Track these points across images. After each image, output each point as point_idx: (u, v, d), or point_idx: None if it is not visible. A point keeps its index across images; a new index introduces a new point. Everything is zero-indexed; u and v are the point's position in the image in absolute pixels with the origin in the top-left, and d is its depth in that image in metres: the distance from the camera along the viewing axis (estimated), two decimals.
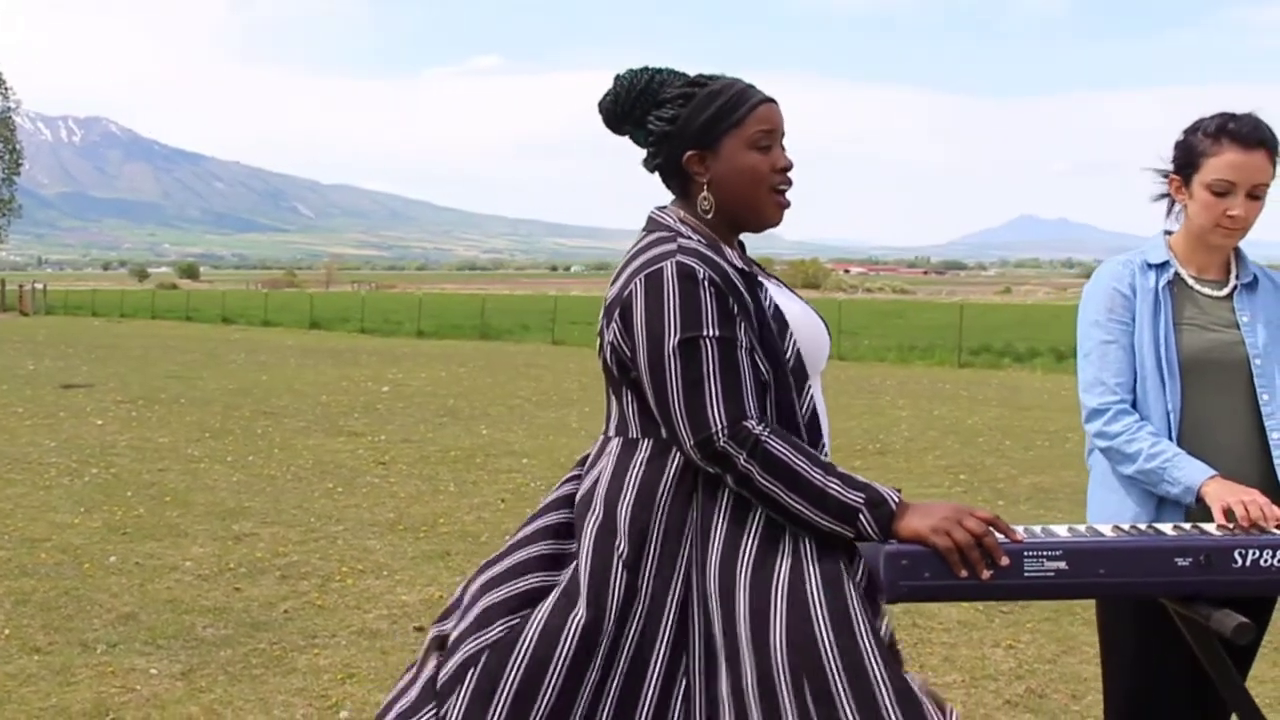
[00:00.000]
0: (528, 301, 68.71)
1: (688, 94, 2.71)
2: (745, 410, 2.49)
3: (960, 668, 5.91)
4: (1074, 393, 12.84)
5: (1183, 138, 3.35)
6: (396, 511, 9.62)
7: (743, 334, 2.55)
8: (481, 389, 20.94)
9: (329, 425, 15.17)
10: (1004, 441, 14.90)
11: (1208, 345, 3.29)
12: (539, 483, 11.13)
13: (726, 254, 2.65)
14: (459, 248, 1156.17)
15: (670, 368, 2.51)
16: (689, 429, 2.50)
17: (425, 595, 7.04)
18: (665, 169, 2.77)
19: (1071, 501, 10.78)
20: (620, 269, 2.68)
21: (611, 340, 2.65)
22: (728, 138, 2.68)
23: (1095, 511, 3.47)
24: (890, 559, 2.47)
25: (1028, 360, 31.84)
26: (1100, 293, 3.40)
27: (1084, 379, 3.38)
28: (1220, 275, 3.40)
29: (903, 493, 2.55)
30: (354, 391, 19.85)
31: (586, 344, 38.33)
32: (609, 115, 2.79)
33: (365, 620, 6.54)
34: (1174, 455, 3.18)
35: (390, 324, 48.23)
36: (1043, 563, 2.52)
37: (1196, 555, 2.56)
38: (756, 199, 2.70)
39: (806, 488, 2.46)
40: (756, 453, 2.46)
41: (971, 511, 2.49)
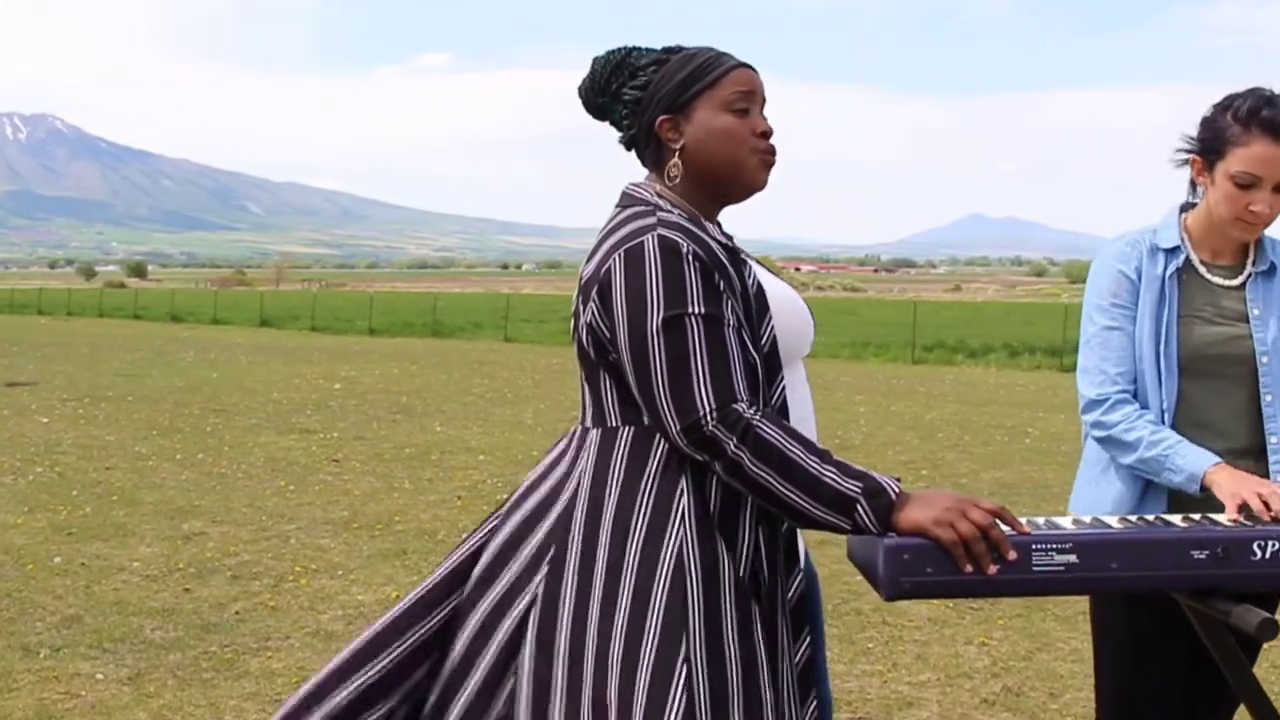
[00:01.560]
0: (480, 299, 68.43)
1: (661, 60, 2.56)
2: (735, 392, 2.32)
3: (934, 666, 5.76)
4: (1028, 388, 12.88)
5: (1211, 115, 3.10)
6: (350, 510, 9.40)
7: (729, 312, 2.38)
8: (434, 386, 20.71)
9: (280, 423, 14.91)
10: (963, 436, 14.81)
11: (1212, 339, 3.10)
12: (495, 480, 10.94)
13: (709, 229, 2.49)
14: (410, 246, 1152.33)
15: (653, 347, 2.34)
16: (674, 413, 2.32)
17: (381, 595, 6.84)
18: (638, 140, 2.60)
19: (1034, 496, 10.68)
20: (596, 246, 2.50)
21: (589, 321, 2.47)
22: (701, 100, 2.51)
23: (1078, 500, 3.29)
24: (890, 553, 2.30)
25: (981, 356, 31.85)
26: (1105, 275, 3.20)
27: (1083, 366, 3.20)
28: (1235, 260, 3.20)
29: (902, 482, 2.38)
30: (305, 389, 19.58)
31: (539, 341, 38.19)
32: (588, 96, 2.64)
33: (320, 622, 6.33)
34: (1175, 443, 3.01)
35: (341, 322, 47.86)
36: (1052, 556, 2.35)
37: (1214, 548, 2.40)
38: (736, 159, 2.52)
39: (801, 476, 2.28)
40: (747, 438, 2.28)
41: (976, 502, 2.32)
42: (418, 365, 26.10)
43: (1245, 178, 2.98)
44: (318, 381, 21.04)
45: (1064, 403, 19.91)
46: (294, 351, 30.58)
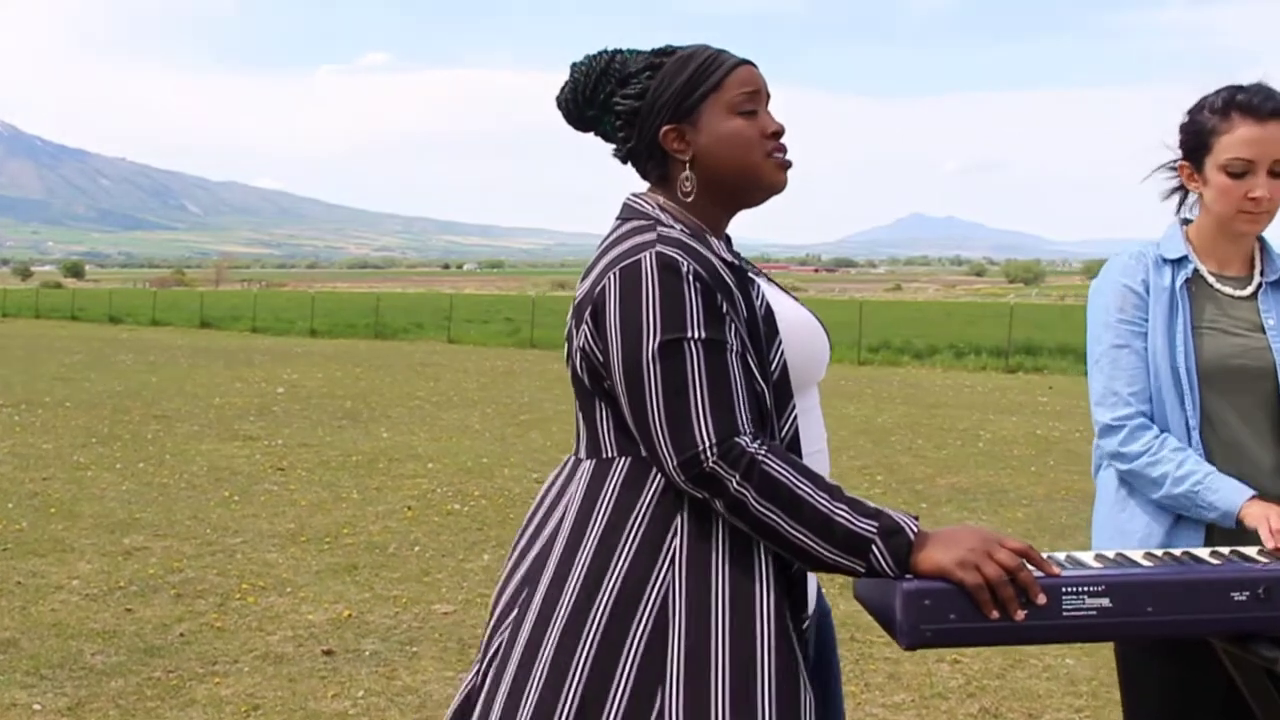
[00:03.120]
0: (421, 299, 67.99)
1: (655, 64, 2.36)
2: (738, 425, 2.12)
3: (908, 686, 5.58)
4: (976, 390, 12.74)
5: (1188, 119, 2.99)
6: (298, 521, 9.14)
7: (733, 336, 2.19)
8: (379, 389, 20.41)
9: (223, 429, 14.58)
10: (916, 440, 14.70)
11: (1230, 352, 2.94)
12: (445, 489, 10.70)
13: (713, 245, 2.29)
14: (350, 245, 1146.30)
15: (649, 375, 2.14)
16: (671, 447, 2.12)
17: (332, 614, 6.60)
18: (639, 153, 2.40)
19: (991, 502, 10.57)
20: (592, 263, 2.30)
21: (582, 345, 2.27)
22: (706, 105, 2.32)
23: (1101, 532, 3.11)
24: (909, 599, 2.10)
25: (927, 357, 31.83)
26: (1110, 290, 3.04)
27: (1095, 390, 3.02)
28: (1244, 271, 3.05)
29: (920, 520, 2.19)
30: (248, 393, 19.23)
31: (483, 343, 37.91)
32: (570, 107, 2.43)
33: (269, 643, 6.08)
34: (1205, 475, 2.83)
35: (283, 322, 47.33)
36: (1084, 600, 2.16)
37: (1254, 589, 2.22)
38: (751, 164, 2.34)
39: (810, 515, 2.09)
40: (752, 475, 2.09)
41: (1002, 541, 2.13)
42: (361, 368, 25.78)
43: (1237, 164, 2.86)
44: (260, 385, 20.70)
45: (1013, 404, 19.88)
46: (235, 354, 30.14)
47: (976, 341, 33.33)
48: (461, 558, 8.06)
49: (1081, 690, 5.57)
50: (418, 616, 6.62)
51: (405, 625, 6.44)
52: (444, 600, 6.96)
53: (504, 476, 11.48)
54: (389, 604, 6.86)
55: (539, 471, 11.74)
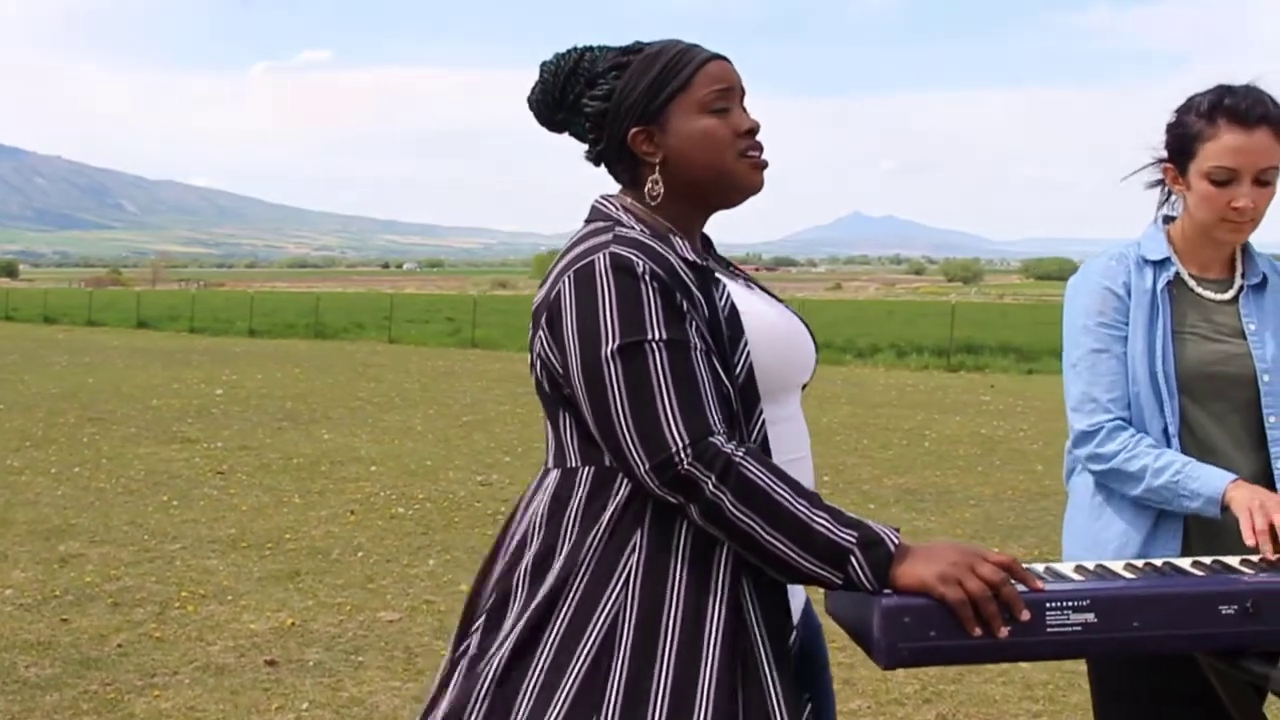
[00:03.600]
0: (362, 299, 67.57)
1: (622, 64, 2.26)
2: (710, 424, 2.03)
3: (863, 692, 5.50)
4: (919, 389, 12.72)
5: (1174, 119, 2.90)
6: (238, 527, 8.96)
7: (696, 335, 2.09)
8: (320, 390, 20.19)
9: (161, 431, 14.33)
10: (861, 440, 14.66)
11: (1211, 357, 2.86)
12: (389, 492, 10.55)
13: (676, 245, 2.19)
14: (290, 245, 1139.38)
15: (611, 380, 2.04)
16: (641, 451, 2.02)
17: (275, 623, 6.45)
18: (610, 155, 2.30)
19: (939, 502, 10.53)
20: (550, 267, 2.21)
21: (539, 351, 2.19)
22: (674, 105, 2.22)
23: (1075, 540, 3.03)
24: (889, 615, 2.01)
25: (869, 356, 31.89)
26: (1090, 292, 2.95)
27: (1072, 395, 2.93)
28: (1225, 274, 2.97)
29: (901, 532, 2.09)
30: (186, 394, 18.96)
31: (424, 343, 37.68)
32: (540, 109, 2.34)
33: (210, 654, 5.93)
34: (1184, 465, 2.75)
35: (221, 322, 46.86)
36: (1068, 615, 2.07)
37: (1242, 602, 2.14)
38: (723, 165, 2.24)
39: (789, 522, 1.99)
40: (729, 477, 1.99)
41: (985, 555, 2.04)
42: (301, 368, 25.51)
43: (1221, 173, 2.77)
44: (199, 386, 20.42)
45: (956, 404, 19.91)
46: (173, 354, 29.78)
47: (918, 340, 33.43)
48: (406, 563, 7.92)
49: (1038, 695, 5.51)
50: (363, 624, 6.48)
51: (350, 634, 6.30)
52: (389, 607, 6.82)
53: (448, 479, 11.33)
54: (333, 612, 6.71)
55: (483, 474, 11.61)
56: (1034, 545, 8.74)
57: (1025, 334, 35.24)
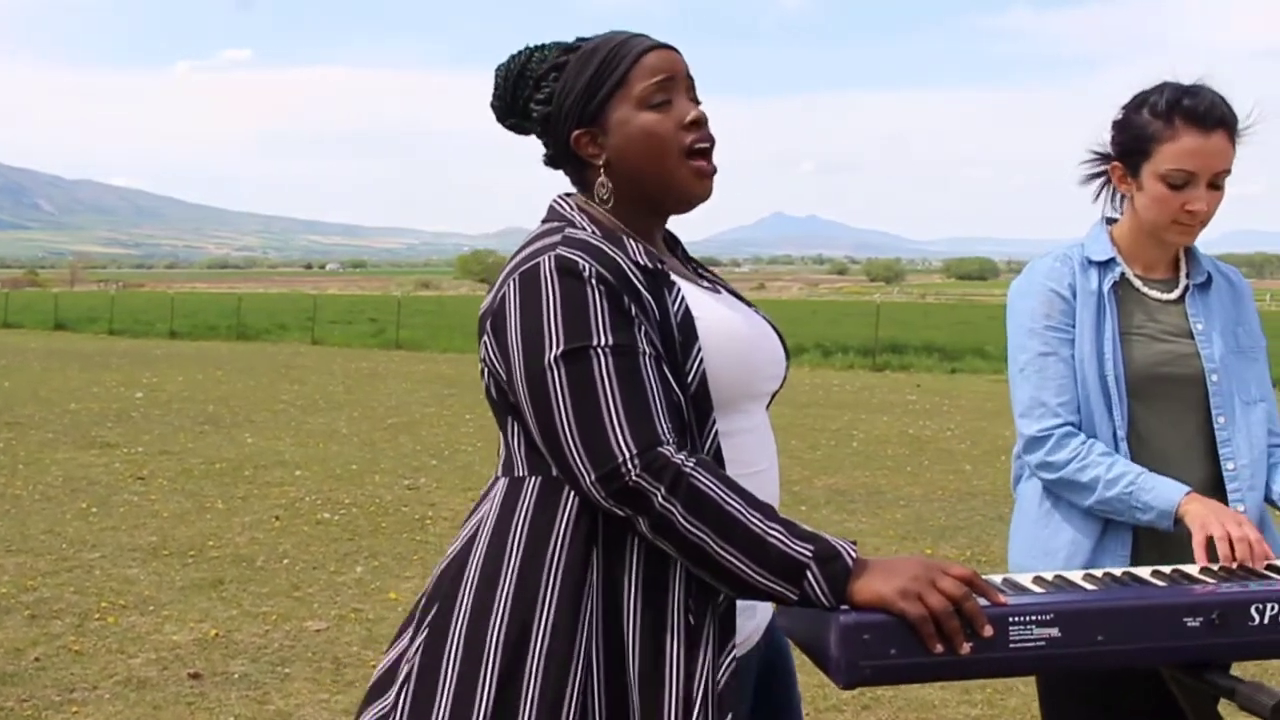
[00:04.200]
0: (284, 300, 67.01)
1: (560, 64, 2.18)
2: (659, 434, 1.94)
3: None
4: (845, 389, 12.68)
5: (1124, 116, 2.84)
6: (160, 534, 8.75)
7: (644, 340, 2.00)
8: (242, 393, 19.90)
9: (79, 436, 14.03)
10: (790, 441, 14.61)
11: (1159, 358, 2.81)
12: (314, 496, 10.38)
13: (629, 246, 2.10)
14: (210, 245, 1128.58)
15: (554, 387, 1.95)
16: (586, 461, 1.93)
17: (198, 634, 6.29)
18: (559, 158, 2.23)
19: (869, 503, 10.50)
20: (501, 270, 2.12)
21: (484, 357, 2.10)
22: (614, 103, 2.13)
23: (1022, 548, 2.96)
24: (846, 633, 1.92)
25: (795, 356, 31.72)
26: (1035, 295, 2.88)
27: (1020, 400, 2.87)
28: (1170, 274, 2.93)
29: (859, 545, 2.01)
30: (106, 398, 18.61)
31: (347, 344, 37.37)
32: (500, 117, 2.26)
33: (130, 667, 5.76)
34: (1137, 476, 2.69)
35: (141, 324, 46.21)
36: (1031, 630, 2.00)
37: (1208, 614, 2.08)
38: (664, 170, 2.15)
39: (743, 536, 1.90)
40: (678, 488, 1.90)
41: (946, 568, 1.96)
42: (223, 370, 25.17)
43: (1178, 176, 2.72)
44: (118, 389, 20.06)
45: (882, 403, 19.96)
46: (92, 357, 29.27)
47: (843, 340, 33.57)
48: (333, 570, 7.76)
49: (976, 699, 5.47)
50: (289, 634, 6.33)
51: (276, 644, 6.15)
52: (316, 616, 6.68)
53: (374, 483, 11.17)
54: (258, 621, 6.56)
55: (409, 477, 11.46)
56: (965, 546, 8.72)
57: (948, 333, 35.50)
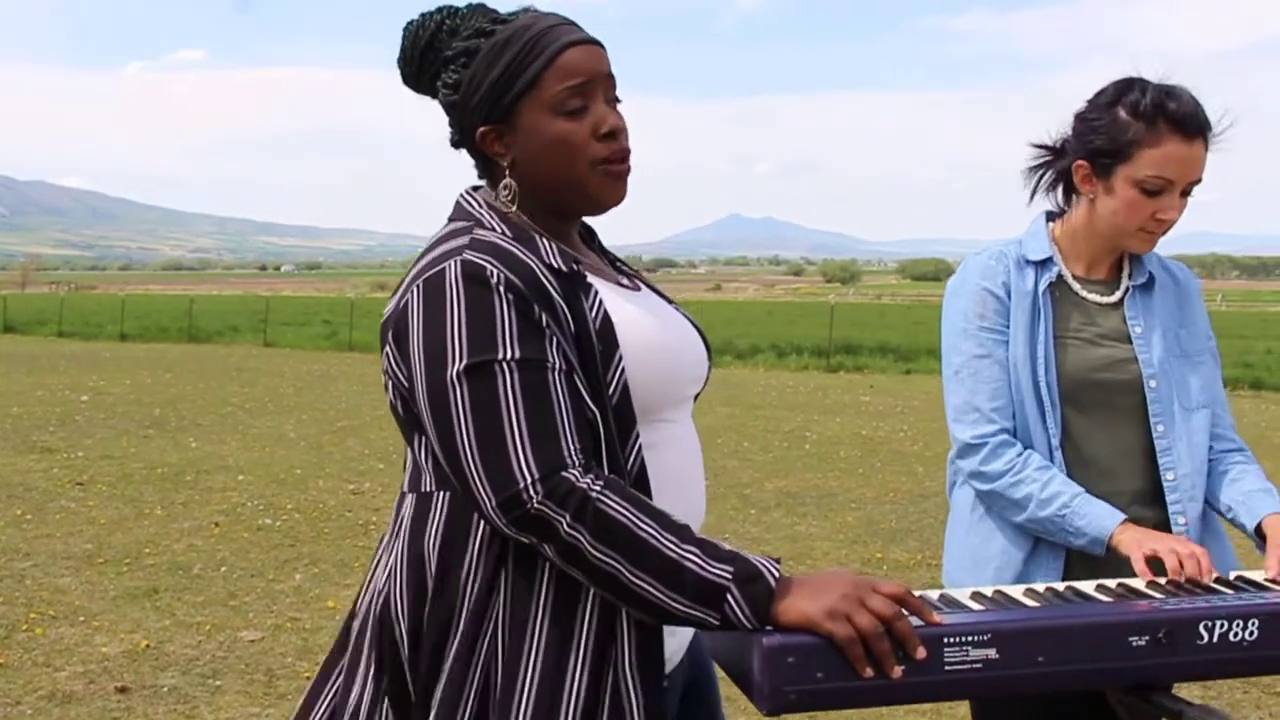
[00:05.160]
0: (237, 302, 66.52)
1: (471, 49, 2.01)
2: (565, 456, 1.81)
3: (746, 710, 5.31)
4: (799, 390, 12.54)
5: (1098, 114, 2.67)
6: (95, 541, 8.55)
7: (556, 353, 1.86)
8: (190, 396, 19.63)
9: (19, 440, 13.76)
10: (742, 443, 14.52)
11: (1094, 363, 2.69)
12: (256, 502, 10.19)
13: (541, 248, 1.96)
14: (165, 247, 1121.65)
15: (456, 403, 1.83)
16: (488, 486, 1.80)
17: (129, 645, 6.11)
18: (466, 147, 2.08)
19: (820, 506, 10.40)
20: (405, 273, 1.98)
21: (386, 368, 1.97)
22: (524, 105, 1.99)
23: (955, 557, 2.85)
24: (770, 656, 1.80)
25: (749, 357, 31.84)
26: (969, 294, 2.76)
27: (953, 404, 2.74)
28: (1110, 275, 2.80)
29: (782, 563, 1.88)
30: (50, 401, 18.32)
31: (300, 346, 37.05)
32: (404, 78, 2.11)
33: (56, 681, 5.58)
34: (1072, 498, 2.58)
35: (91, 326, 45.66)
36: (968, 651, 1.88)
37: (1154, 632, 1.97)
38: (575, 177, 2.01)
39: (656, 561, 1.78)
40: (585, 514, 1.78)
41: (876, 586, 1.84)
42: (172, 373, 24.87)
43: (1156, 183, 2.58)
44: (63, 393, 19.75)
45: (836, 405, 19.88)
46: (38, 359, 28.88)
47: (797, 341, 33.48)
48: (271, 578, 7.60)
49: (924, 708, 5.36)
50: (222, 645, 6.17)
51: (208, 655, 5.99)
52: (251, 626, 6.51)
53: (318, 488, 10.98)
54: (191, 632, 6.39)
55: (354, 482, 11.29)
56: (917, 549, 8.63)
57: (903, 334, 35.46)
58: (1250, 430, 15.65)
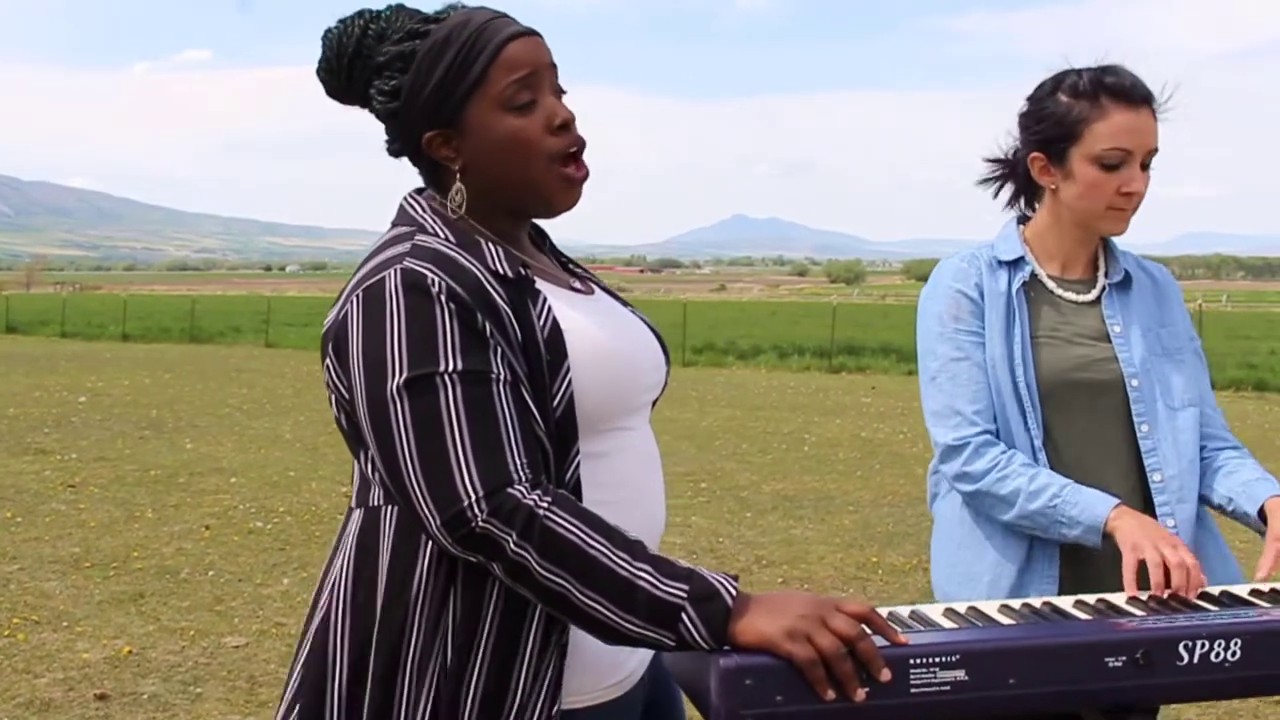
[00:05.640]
0: (240, 302, 66.46)
1: (406, 52, 1.91)
2: (510, 472, 1.73)
3: None
4: (800, 391, 12.42)
5: (1039, 105, 2.65)
6: (83, 545, 8.47)
7: (501, 364, 1.78)
8: (189, 397, 19.57)
9: (14, 442, 13.68)
10: (740, 445, 14.44)
11: (1072, 363, 2.62)
12: (248, 505, 10.11)
13: (487, 253, 1.87)
14: (170, 248, 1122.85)
15: (397, 418, 1.75)
16: (431, 504, 1.73)
17: (111, 651, 6.03)
18: (408, 155, 1.99)
19: (818, 509, 10.31)
20: (346, 282, 1.90)
21: (328, 382, 1.89)
22: (472, 104, 1.90)
23: (945, 572, 2.76)
24: (726, 677, 1.72)
25: (751, 358, 31.77)
26: (941, 297, 2.69)
27: (932, 409, 2.67)
28: (1087, 274, 2.73)
29: (740, 580, 1.80)
30: (47, 402, 18.27)
31: (302, 346, 36.95)
32: (328, 90, 2.00)
33: (35, 687, 5.51)
34: (1061, 488, 2.49)
35: (94, 327, 45.59)
36: (935, 673, 1.80)
37: (1132, 653, 1.88)
38: (530, 178, 1.93)
39: (606, 580, 1.71)
40: (531, 532, 1.70)
41: (839, 604, 1.76)
42: (172, 374, 24.81)
43: (1114, 155, 2.54)
44: (61, 394, 19.70)
45: (837, 406, 19.79)
46: (39, 360, 28.83)
47: (800, 341, 33.39)
48: (259, 582, 7.52)
49: None
50: (205, 651, 6.09)
51: (191, 662, 5.91)
52: (236, 632, 6.43)
53: (311, 490, 10.91)
54: (175, 637, 6.31)
55: (348, 485, 11.08)
56: (913, 554, 8.54)
57: (906, 335, 35.14)
58: (1254, 432, 15.55)
